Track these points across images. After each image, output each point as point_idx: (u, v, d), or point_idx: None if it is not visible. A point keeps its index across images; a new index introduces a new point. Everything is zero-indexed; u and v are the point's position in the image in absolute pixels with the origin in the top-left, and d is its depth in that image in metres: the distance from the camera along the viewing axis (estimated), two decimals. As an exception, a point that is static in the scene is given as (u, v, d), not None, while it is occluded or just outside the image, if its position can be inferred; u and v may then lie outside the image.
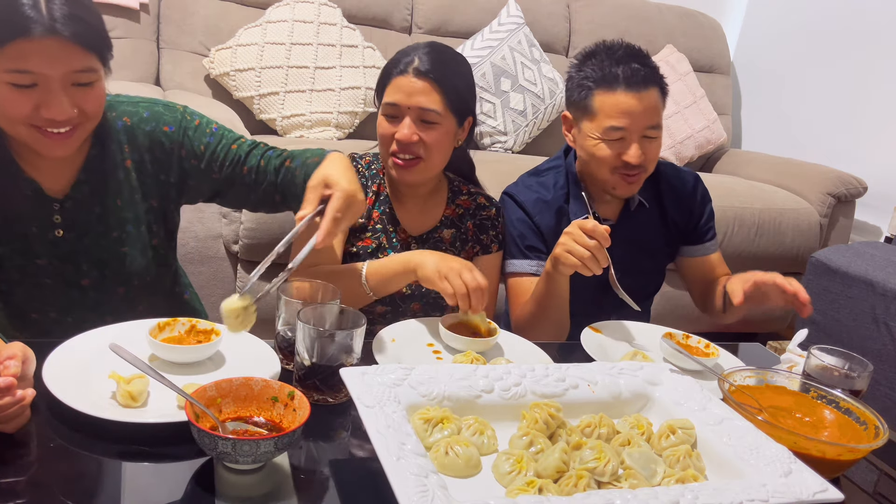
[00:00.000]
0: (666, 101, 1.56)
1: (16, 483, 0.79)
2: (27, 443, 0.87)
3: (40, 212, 1.20)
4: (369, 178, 1.53)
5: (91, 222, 1.24)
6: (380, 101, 1.47)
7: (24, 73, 1.04)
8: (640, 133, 1.50)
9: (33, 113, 1.07)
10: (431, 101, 1.40)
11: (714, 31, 3.68)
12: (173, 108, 1.31)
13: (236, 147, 1.32)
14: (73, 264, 1.24)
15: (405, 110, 1.41)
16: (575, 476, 0.85)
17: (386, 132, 1.43)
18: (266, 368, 1.06)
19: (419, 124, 1.41)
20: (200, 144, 1.30)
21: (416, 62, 1.40)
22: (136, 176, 1.27)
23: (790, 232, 2.91)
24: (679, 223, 1.70)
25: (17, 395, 0.82)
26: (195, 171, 1.31)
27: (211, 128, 1.32)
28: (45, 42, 1.03)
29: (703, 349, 1.36)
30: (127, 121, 1.26)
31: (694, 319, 2.76)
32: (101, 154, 1.24)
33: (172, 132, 1.28)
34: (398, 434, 0.84)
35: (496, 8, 3.22)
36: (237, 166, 1.32)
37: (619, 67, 1.49)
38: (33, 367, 0.90)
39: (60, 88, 1.07)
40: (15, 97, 1.06)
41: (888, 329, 2.09)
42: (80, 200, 1.23)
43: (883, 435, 1.00)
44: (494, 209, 1.61)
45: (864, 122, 3.24)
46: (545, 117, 3.16)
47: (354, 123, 2.87)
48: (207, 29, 2.82)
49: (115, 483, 0.82)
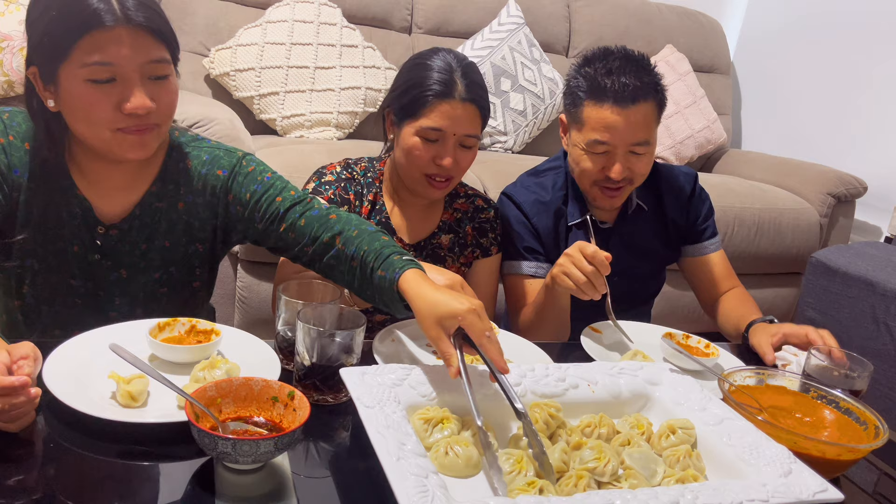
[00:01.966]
0: (662, 111, 1.52)
1: (16, 483, 0.79)
2: (27, 443, 0.87)
3: (84, 233, 1.19)
4: (364, 186, 1.51)
5: (133, 257, 1.22)
6: (405, 115, 1.41)
7: (103, 66, 1.03)
8: (625, 149, 1.48)
9: (115, 112, 1.06)
10: (474, 127, 1.41)
11: (714, 31, 3.67)
12: (233, 153, 1.27)
13: (280, 200, 1.24)
14: (106, 293, 1.23)
15: (449, 137, 1.39)
16: (575, 476, 0.85)
17: (423, 154, 1.40)
18: (266, 368, 1.06)
19: (457, 149, 1.41)
20: (247, 192, 1.24)
21: (459, 87, 1.38)
22: (187, 219, 1.24)
23: (790, 232, 2.91)
24: (679, 223, 1.70)
25: (31, 394, 0.83)
26: (240, 218, 1.26)
27: (264, 176, 1.26)
28: (119, 31, 1.02)
29: (703, 349, 1.36)
30: (189, 163, 1.24)
31: (694, 319, 2.77)
32: (161, 193, 1.22)
33: (224, 176, 1.25)
34: (398, 434, 0.84)
35: (496, 8, 3.22)
36: (275, 221, 1.24)
37: (609, 79, 1.45)
38: (39, 368, 0.90)
39: (138, 80, 1.06)
40: (96, 95, 1.05)
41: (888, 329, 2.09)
42: (128, 233, 1.21)
43: (883, 435, 1.00)
44: (493, 211, 1.60)
45: (864, 122, 3.24)
46: (545, 117, 3.15)
47: (354, 123, 2.87)
48: (207, 29, 2.81)
49: (115, 483, 0.82)
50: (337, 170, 1.50)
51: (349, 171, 1.50)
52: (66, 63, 1.03)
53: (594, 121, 1.48)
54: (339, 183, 1.47)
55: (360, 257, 1.14)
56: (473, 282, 1.58)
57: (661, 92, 1.51)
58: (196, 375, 1.00)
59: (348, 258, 1.16)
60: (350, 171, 1.51)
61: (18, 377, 0.81)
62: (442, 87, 1.38)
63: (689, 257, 1.73)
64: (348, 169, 1.51)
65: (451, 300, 0.98)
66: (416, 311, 1.02)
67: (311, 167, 2.31)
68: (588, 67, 1.51)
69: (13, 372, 0.84)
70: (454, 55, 1.43)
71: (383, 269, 1.09)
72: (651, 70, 1.50)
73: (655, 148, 1.56)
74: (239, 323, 2.36)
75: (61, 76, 1.05)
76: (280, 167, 2.25)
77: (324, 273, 1.23)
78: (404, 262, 1.09)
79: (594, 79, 1.48)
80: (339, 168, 1.50)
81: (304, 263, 1.25)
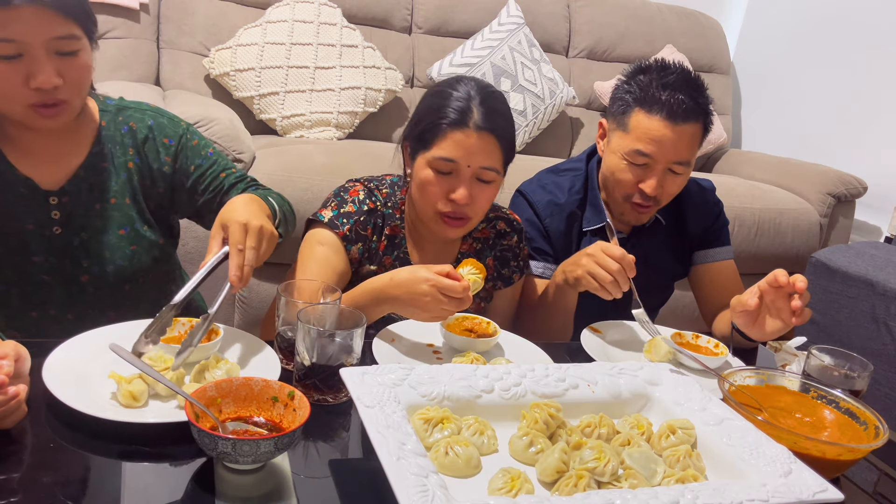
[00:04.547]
0: (706, 135, 1.52)
1: (15, 483, 0.79)
2: (27, 443, 0.87)
3: (37, 208, 1.21)
4: (384, 218, 1.39)
5: (90, 218, 1.25)
6: (419, 146, 1.33)
7: (8, 42, 1.07)
8: (665, 165, 1.47)
9: (23, 88, 1.10)
10: (492, 160, 1.30)
11: (714, 31, 3.68)
12: (177, 122, 1.34)
13: (224, 176, 1.34)
14: (72, 260, 1.25)
15: (463, 168, 1.29)
16: (575, 476, 0.85)
17: (436, 189, 1.30)
18: (266, 368, 1.06)
19: (473, 182, 1.30)
20: (192, 164, 1.32)
21: (475, 114, 1.28)
22: (138, 178, 1.30)
23: (790, 232, 2.91)
24: (695, 238, 1.69)
25: (9, 393, 0.83)
26: (181, 188, 1.33)
27: (207, 151, 1.35)
28: (25, 10, 1.06)
29: (713, 349, 1.35)
30: (133, 125, 1.29)
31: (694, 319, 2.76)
32: (103, 153, 1.26)
33: (171, 145, 1.31)
34: (398, 434, 0.84)
35: (496, 8, 3.22)
36: (218, 194, 1.33)
37: (664, 93, 1.44)
38: (27, 364, 0.90)
39: (45, 56, 1.09)
40: (4, 71, 1.08)
41: (888, 329, 2.09)
42: (79, 196, 1.24)
43: (883, 435, 1.00)
44: (516, 236, 1.50)
45: (864, 122, 3.24)
46: (545, 117, 3.15)
47: (354, 123, 2.87)
48: (207, 29, 2.82)
49: (115, 483, 0.82)
50: (360, 196, 1.38)
51: (372, 200, 1.38)
52: None
53: (642, 130, 1.46)
54: (358, 216, 1.36)
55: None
56: (493, 312, 1.51)
57: (709, 116, 1.50)
58: (196, 375, 1.00)
59: None
60: (373, 200, 1.39)
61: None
62: (457, 116, 1.28)
63: (697, 265, 1.70)
64: (371, 197, 1.39)
65: (239, 211, 1.09)
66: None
67: (312, 167, 2.33)
68: (643, 76, 1.49)
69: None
70: (476, 83, 1.33)
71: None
72: (705, 93, 1.49)
73: (691, 172, 1.55)
74: (239, 323, 2.36)
75: None
76: (280, 167, 2.27)
77: None
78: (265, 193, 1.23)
79: (648, 88, 1.46)
80: (363, 194, 1.38)
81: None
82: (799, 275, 1.28)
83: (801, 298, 1.26)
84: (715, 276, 1.68)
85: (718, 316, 1.64)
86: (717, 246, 1.70)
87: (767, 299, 1.30)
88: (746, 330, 1.36)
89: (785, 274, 1.27)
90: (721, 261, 1.69)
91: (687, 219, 1.67)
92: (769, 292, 1.29)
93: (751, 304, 1.30)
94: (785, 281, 1.26)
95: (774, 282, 1.27)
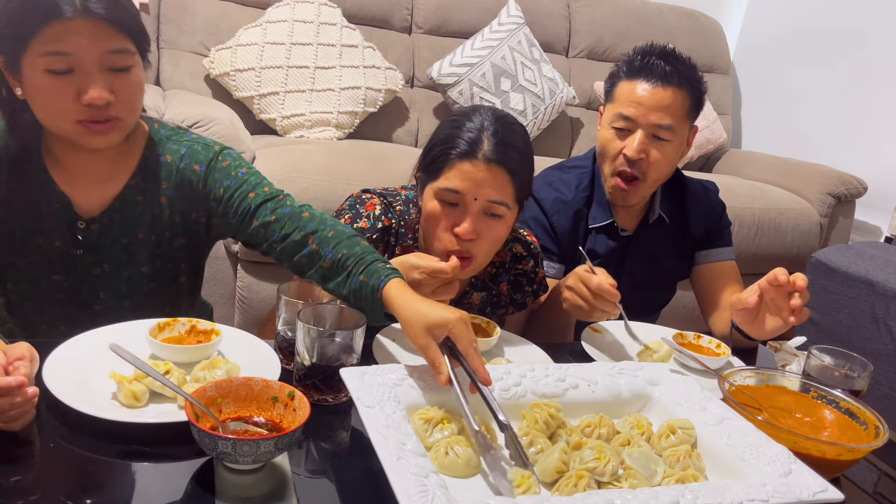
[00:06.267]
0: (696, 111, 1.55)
1: (15, 483, 0.79)
2: (27, 443, 0.87)
3: (65, 228, 1.19)
4: (398, 237, 1.35)
5: (115, 251, 1.23)
6: (429, 176, 1.28)
7: (61, 56, 1.04)
8: (647, 129, 1.50)
9: (75, 103, 1.07)
10: (501, 194, 1.23)
11: (714, 31, 3.68)
12: (210, 147, 1.27)
13: (253, 196, 1.23)
14: (90, 288, 1.23)
15: (470, 201, 1.23)
16: (575, 476, 0.85)
17: (442, 221, 1.25)
18: (266, 368, 1.06)
19: (481, 217, 1.24)
20: (221, 187, 1.24)
21: (485, 145, 1.22)
22: (170, 213, 1.25)
23: (790, 232, 2.91)
24: (698, 236, 1.69)
25: (28, 394, 0.83)
26: (215, 213, 1.26)
27: (238, 172, 1.25)
28: (78, 23, 1.04)
29: (715, 349, 1.35)
30: (168, 158, 1.24)
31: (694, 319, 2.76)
32: (141, 186, 1.22)
33: (201, 171, 1.25)
34: (398, 434, 0.84)
35: (496, 8, 3.22)
36: (247, 217, 1.23)
37: (647, 59, 1.51)
38: (37, 367, 0.91)
39: (97, 71, 1.07)
40: (55, 86, 1.06)
41: (888, 329, 2.09)
42: (108, 227, 1.21)
43: (883, 435, 1.00)
44: (532, 261, 1.45)
45: (864, 122, 3.24)
46: (545, 117, 3.15)
47: (354, 123, 2.87)
48: (207, 29, 2.82)
49: (115, 483, 0.82)
50: (376, 212, 1.34)
51: (387, 217, 1.34)
52: (26, 54, 1.05)
53: (624, 96, 1.52)
54: (372, 233, 1.32)
55: (337, 260, 1.14)
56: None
57: (697, 89, 1.54)
58: (196, 375, 1.00)
59: (322, 258, 1.16)
60: (388, 217, 1.34)
61: (15, 377, 0.82)
62: (466, 147, 1.23)
63: (699, 265, 1.71)
64: (387, 213, 1.35)
65: (440, 310, 0.99)
66: (404, 319, 1.01)
67: (312, 167, 2.33)
68: (633, 53, 1.56)
69: (9, 373, 0.84)
70: (493, 112, 1.28)
71: (366, 276, 1.09)
72: (689, 65, 1.54)
73: (680, 149, 1.57)
74: (239, 323, 2.36)
75: (24, 66, 1.06)
76: (280, 167, 2.27)
77: (295, 271, 1.22)
78: (388, 270, 1.09)
79: (633, 60, 1.53)
80: (379, 210, 1.34)
81: (275, 259, 1.24)
82: (799, 273, 1.28)
83: (800, 297, 1.26)
84: (716, 276, 1.68)
85: (717, 315, 1.65)
86: (720, 246, 1.70)
87: (767, 298, 1.30)
88: (746, 328, 1.36)
89: (785, 273, 1.27)
90: (723, 261, 1.69)
91: (690, 218, 1.67)
92: (769, 291, 1.29)
93: (750, 302, 1.30)
94: (785, 280, 1.26)
95: (774, 280, 1.27)
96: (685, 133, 1.55)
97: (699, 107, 1.55)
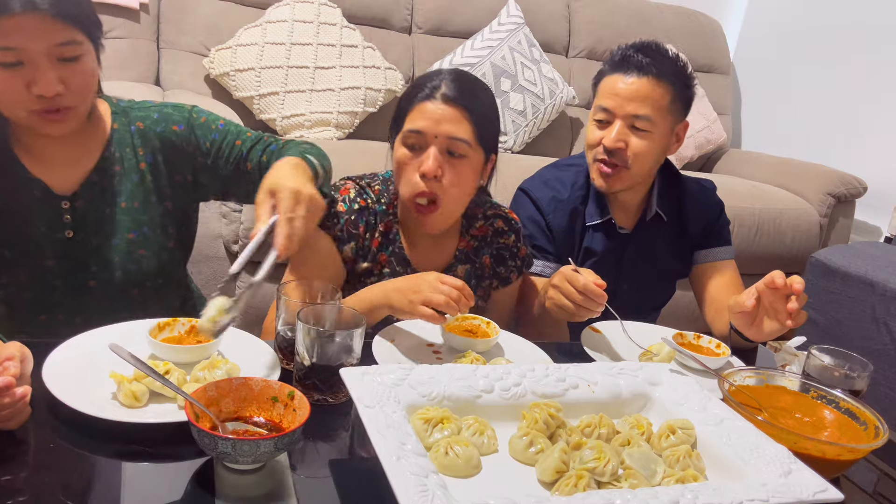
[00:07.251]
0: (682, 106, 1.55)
1: (15, 483, 0.79)
2: (27, 442, 0.87)
3: (49, 212, 1.21)
4: (377, 215, 1.36)
5: (101, 223, 1.25)
6: (395, 129, 1.33)
7: (8, 50, 1.06)
8: (625, 119, 1.51)
9: (27, 94, 1.09)
10: (461, 130, 1.26)
11: (714, 31, 3.68)
12: (182, 107, 1.33)
13: (240, 143, 1.32)
14: (82, 265, 1.25)
15: (431, 139, 1.26)
16: (575, 476, 0.85)
17: (408, 165, 1.29)
18: (266, 368, 1.06)
19: (445, 156, 1.27)
20: (206, 141, 1.31)
21: (443, 87, 1.27)
22: (151, 178, 1.28)
23: (790, 232, 2.91)
24: (696, 237, 1.69)
25: (17, 395, 0.83)
26: (204, 168, 1.32)
27: (217, 124, 1.33)
28: (25, 17, 1.05)
29: (715, 349, 1.35)
30: (140, 125, 1.28)
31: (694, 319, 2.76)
32: (115, 157, 1.26)
33: (182, 130, 1.30)
34: (398, 434, 0.83)
35: (496, 8, 3.22)
36: (241, 162, 1.31)
37: (628, 52, 1.52)
38: (30, 366, 0.90)
39: (46, 63, 1.09)
40: (6, 78, 1.08)
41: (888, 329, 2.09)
42: (91, 200, 1.24)
43: (883, 435, 1.00)
44: (513, 235, 1.48)
45: (864, 122, 3.24)
46: (545, 117, 3.15)
47: (354, 123, 2.87)
48: (207, 29, 2.82)
49: (115, 483, 0.82)
50: (350, 195, 1.35)
51: (363, 198, 1.36)
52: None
53: (605, 89, 1.54)
54: (349, 215, 1.33)
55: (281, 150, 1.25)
56: (491, 311, 1.49)
57: (682, 83, 1.54)
58: (196, 375, 1.00)
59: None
60: (364, 198, 1.36)
61: (3, 378, 0.81)
62: (427, 91, 1.28)
63: (698, 264, 1.70)
64: (362, 195, 1.36)
65: (288, 177, 1.08)
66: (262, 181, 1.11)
67: (311, 167, 2.32)
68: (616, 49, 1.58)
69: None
70: (452, 70, 1.34)
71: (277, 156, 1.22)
72: (670, 59, 1.53)
73: (665, 142, 1.56)
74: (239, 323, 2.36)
75: None
76: (280, 167, 2.27)
77: None
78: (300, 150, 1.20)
79: (614, 55, 1.55)
80: (353, 192, 1.36)
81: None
82: (796, 276, 1.28)
83: (797, 300, 1.26)
84: (716, 275, 1.68)
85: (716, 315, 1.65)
86: (718, 245, 1.70)
87: (765, 301, 1.30)
88: (744, 331, 1.36)
89: (782, 276, 1.27)
90: (722, 260, 1.69)
91: (688, 217, 1.67)
92: (767, 294, 1.29)
93: (748, 305, 1.30)
94: (782, 283, 1.26)
95: (772, 283, 1.27)
96: (667, 126, 1.54)
97: (686, 101, 1.56)
